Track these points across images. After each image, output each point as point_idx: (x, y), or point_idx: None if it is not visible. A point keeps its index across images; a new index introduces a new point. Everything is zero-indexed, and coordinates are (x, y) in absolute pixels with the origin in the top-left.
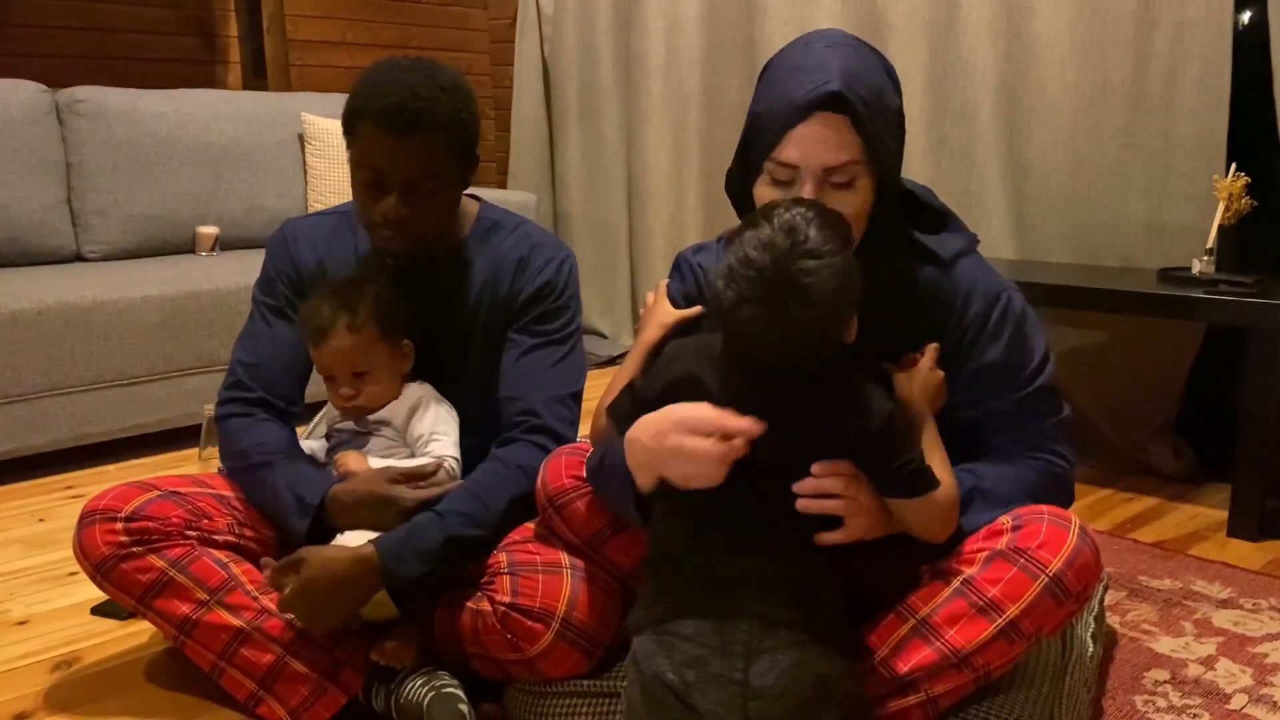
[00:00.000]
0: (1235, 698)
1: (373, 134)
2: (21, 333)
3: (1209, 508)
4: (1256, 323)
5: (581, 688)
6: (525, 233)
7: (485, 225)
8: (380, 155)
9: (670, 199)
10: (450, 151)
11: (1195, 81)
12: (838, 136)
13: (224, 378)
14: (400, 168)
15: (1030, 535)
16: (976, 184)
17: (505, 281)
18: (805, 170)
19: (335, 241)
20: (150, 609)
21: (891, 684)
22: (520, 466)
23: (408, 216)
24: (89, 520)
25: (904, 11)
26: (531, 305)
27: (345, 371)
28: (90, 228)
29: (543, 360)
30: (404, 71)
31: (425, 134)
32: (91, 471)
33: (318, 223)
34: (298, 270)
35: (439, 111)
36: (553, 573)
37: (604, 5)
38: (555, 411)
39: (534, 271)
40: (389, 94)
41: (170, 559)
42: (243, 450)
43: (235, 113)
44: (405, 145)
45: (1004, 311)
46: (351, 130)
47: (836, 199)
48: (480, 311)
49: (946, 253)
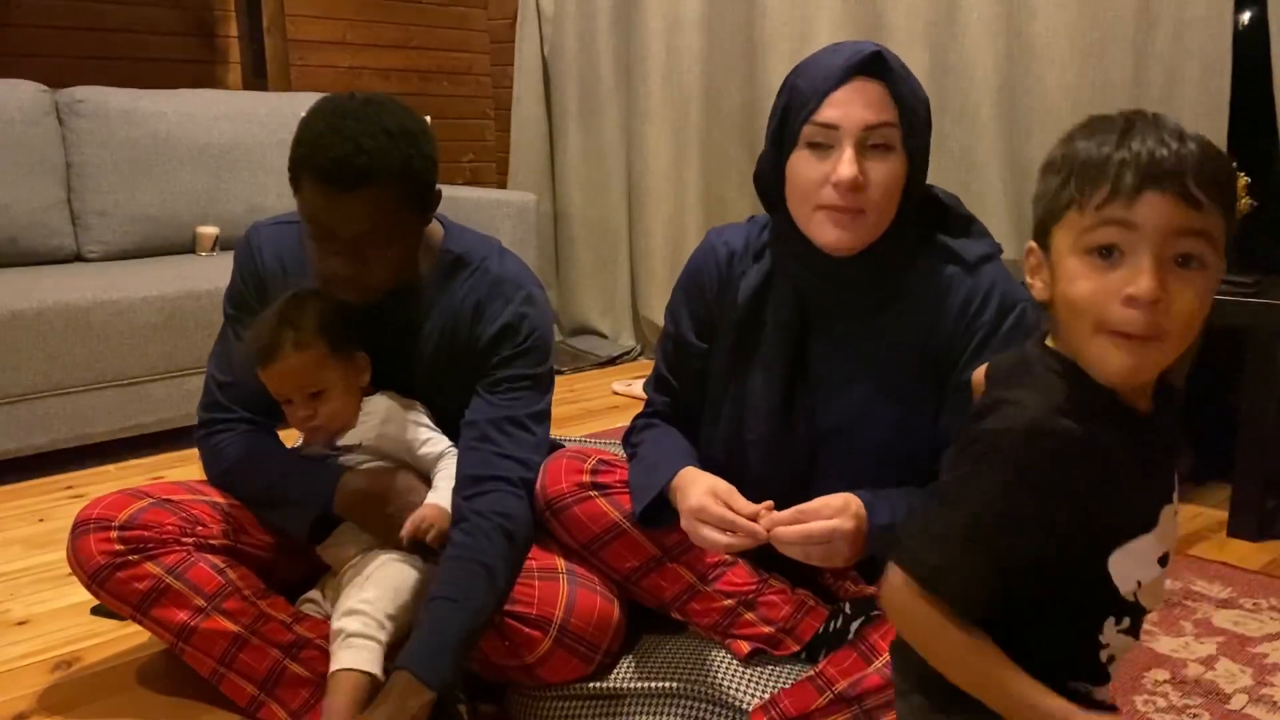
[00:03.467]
0: (1235, 698)
1: (316, 190)
2: (21, 333)
3: (1209, 508)
4: (1256, 323)
5: (582, 690)
6: (485, 270)
7: (446, 262)
8: (326, 212)
9: (670, 199)
10: (403, 202)
11: (1195, 81)
12: (878, 97)
13: (201, 394)
14: (348, 225)
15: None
16: (976, 184)
17: (464, 327)
18: (845, 130)
19: (302, 252)
20: (147, 617)
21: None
22: (493, 512)
23: (360, 272)
24: (83, 530)
25: (904, 11)
26: (491, 348)
27: (298, 392)
28: (90, 228)
29: (500, 399)
30: (347, 119)
31: (373, 189)
32: (91, 471)
33: (284, 229)
34: (263, 280)
35: (388, 163)
36: (549, 579)
37: (604, 5)
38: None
39: (491, 317)
40: (331, 146)
41: (166, 566)
42: (236, 459)
43: (235, 113)
44: (352, 202)
45: (1017, 323)
46: (295, 183)
47: (874, 166)
48: (436, 355)
49: (971, 255)
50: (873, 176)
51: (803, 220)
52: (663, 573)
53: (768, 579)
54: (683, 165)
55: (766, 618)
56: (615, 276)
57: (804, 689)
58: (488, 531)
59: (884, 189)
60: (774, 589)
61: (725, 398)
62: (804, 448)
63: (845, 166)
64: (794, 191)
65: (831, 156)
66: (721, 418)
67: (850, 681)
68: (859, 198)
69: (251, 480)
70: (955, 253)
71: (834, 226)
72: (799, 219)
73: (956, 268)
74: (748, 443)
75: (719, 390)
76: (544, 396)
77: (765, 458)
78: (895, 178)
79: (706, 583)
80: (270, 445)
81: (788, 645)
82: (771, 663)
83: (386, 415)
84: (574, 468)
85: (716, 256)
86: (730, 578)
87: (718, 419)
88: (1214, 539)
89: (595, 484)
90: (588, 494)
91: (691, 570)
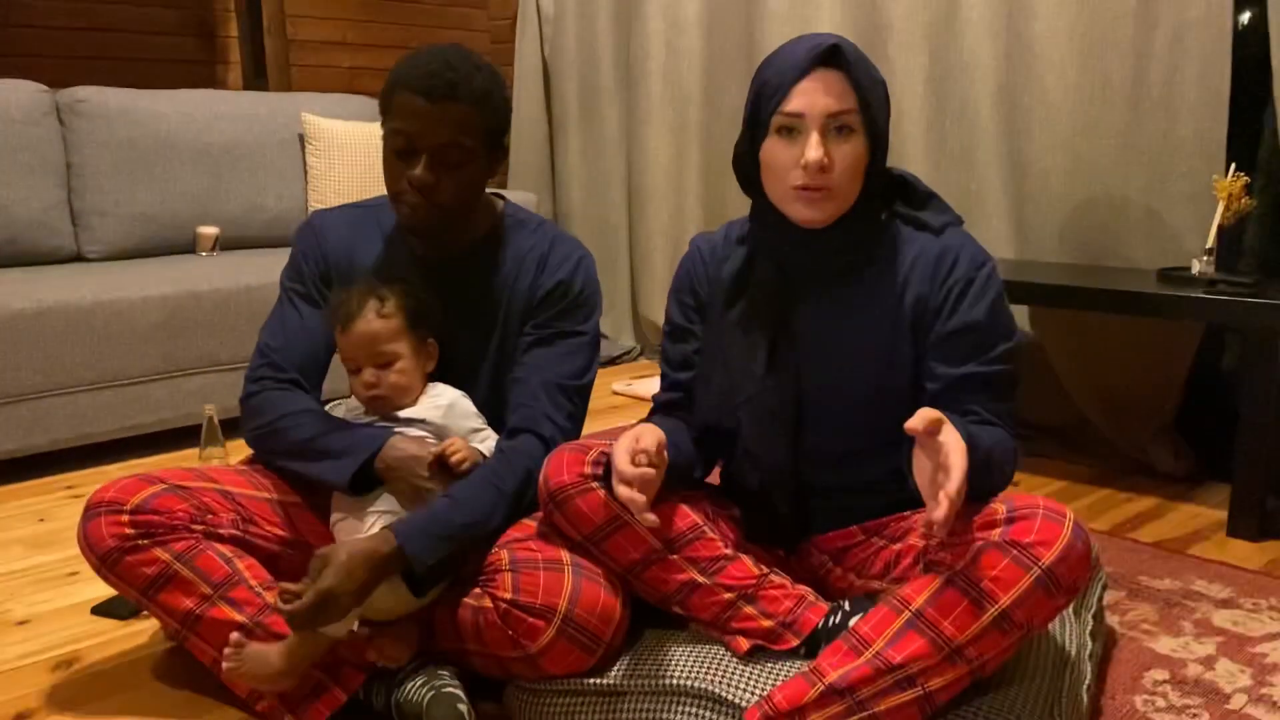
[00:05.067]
0: (1235, 697)
1: (407, 100)
2: (21, 333)
3: (1209, 508)
4: (1256, 323)
5: (582, 686)
6: (545, 231)
7: (509, 223)
8: (413, 120)
9: (670, 199)
10: (480, 126)
11: (1195, 81)
12: (839, 86)
13: (250, 363)
14: (431, 134)
15: (1024, 529)
16: (976, 184)
17: (527, 277)
18: (810, 118)
19: (362, 234)
20: (154, 602)
21: (887, 678)
22: (523, 452)
23: (434, 185)
24: (94, 512)
25: (904, 12)
26: (547, 301)
27: (369, 358)
28: (90, 228)
29: (549, 352)
30: (444, 50)
31: (457, 104)
32: (92, 471)
33: (345, 215)
34: (325, 260)
35: (473, 85)
36: (554, 569)
37: (604, 5)
38: (555, 401)
39: (552, 269)
40: (426, 65)
41: (175, 552)
42: (283, 413)
43: (235, 113)
44: (437, 111)
45: (988, 279)
46: (388, 101)
47: (838, 148)
48: (503, 307)
49: (936, 223)
50: (837, 157)
51: (778, 199)
52: (664, 565)
53: (768, 574)
54: (683, 165)
55: (766, 611)
56: (615, 276)
57: (796, 683)
58: (512, 464)
59: (848, 168)
60: (774, 584)
61: (715, 365)
62: (791, 406)
63: (812, 151)
64: (769, 174)
65: (800, 141)
66: (713, 384)
67: (841, 673)
68: (826, 177)
69: (296, 432)
70: (922, 220)
71: (805, 205)
72: (774, 198)
73: (924, 233)
74: (738, 405)
75: (710, 361)
76: (589, 365)
77: (755, 418)
78: (858, 157)
79: (708, 576)
80: (316, 405)
81: (787, 640)
82: (771, 659)
83: (453, 401)
84: (576, 459)
85: (700, 253)
86: (731, 571)
87: (709, 386)
88: (1214, 539)
89: (598, 475)
90: (590, 485)
91: (693, 564)
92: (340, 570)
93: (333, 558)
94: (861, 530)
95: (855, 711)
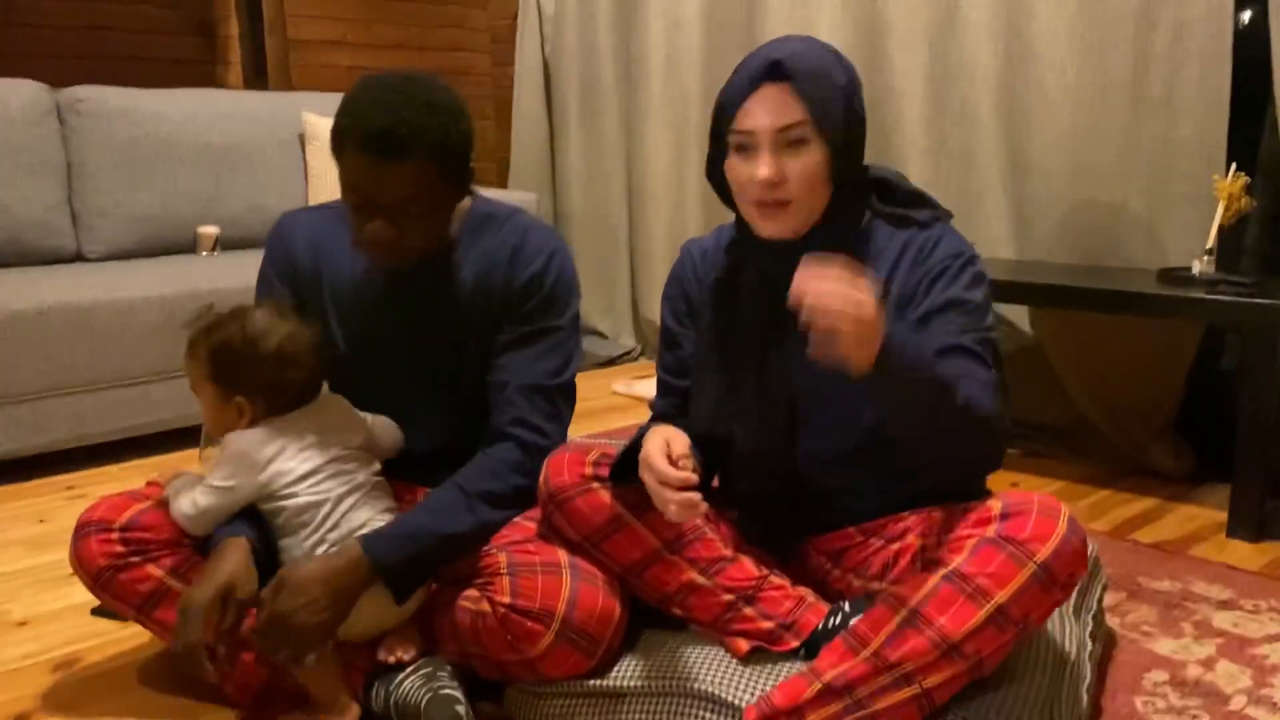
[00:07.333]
0: (1235, 699)
1: (359, 159)
2: (21, 333)
3: (1208, 508)
4: (1256, 322)
5: (582, 688)
6: (517, 223)
7: (477, 219)
8: (365, 178)
9: (670, 199)
10: (440, 175)
11: (1195, 81)
12: (783, 101)
13: None
14: (387, 193)
15: (1019, 525)
16: (976, 185)
17: (500, 272)
18: (759, 134)
19: (333, 235)
20: (150, 619)
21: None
22: (496, 457)
23: (397, 238)
24: (84, 532)
25: (904, 11)
26: (521, 296)
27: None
28: (91, 228)
29: (526, 352)
30: (391, 92)
31: (413, 160)
32: (92, 472)
33: (314, 217)
34: (294, 267)
35: (427, 137)
36: (552, 573)
37: (604, 5)
38: (534, 403)
39: (525, 262)
40: (374, 118)
41: (167, 568)
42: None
43: (236, 113)
44: (392, 171)
45: (967, 262)
46: (338, 152)
47: (790, 162)
48: (474, 306)
49: (922, 217)
50: (791, 171)
51: (744, 214)
52: (665, 566)
53: (768, 575)
54: (683, 165)
55: (766, 613)
56: (615, 276)
57: (794, 681)
58: (483, 468)
59: (803, 179)
60: (774, 585)
61: (707, 373)
62: (784, 412)
63: (761, 168)
64: (733, 190)
65: (754, 158)
66: (706, 392)
67: (838, 671)
68: (782, 190)
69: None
70: (910, 217)
71: (764, 219)
72: (741, 213)
73: (911, 229)
74: (732, 411)
75: (702, 369)
76: (568, 361)
77: (749, 425)
78: (815, 167)
79: (707, 577)
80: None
81: (787, 641)
82: (770, 661)
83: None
84: (576, 460)
85: (692, 258)
86: (731, 573)
87: (702, 394)
88: (1214, 539)
89: (598, 476)
90: (590, 486)
91: (693, 564)
92: (294, 591)
93: (288, 579)
94: (859, 531)
95: (853, 710)
